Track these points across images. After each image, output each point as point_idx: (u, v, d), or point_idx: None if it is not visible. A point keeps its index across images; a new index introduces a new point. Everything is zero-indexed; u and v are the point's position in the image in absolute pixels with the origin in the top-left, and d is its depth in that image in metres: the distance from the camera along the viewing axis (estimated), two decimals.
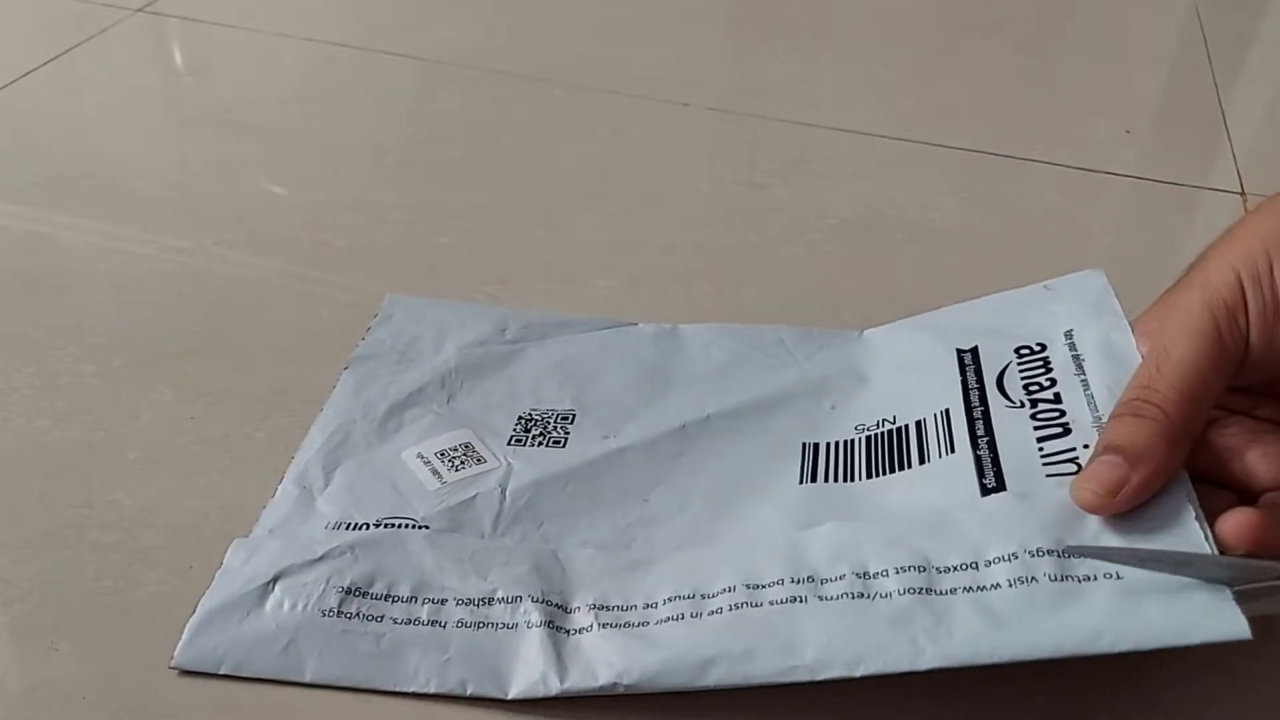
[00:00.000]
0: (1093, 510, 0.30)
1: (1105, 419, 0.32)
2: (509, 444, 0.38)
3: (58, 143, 0.56)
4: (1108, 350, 0.35)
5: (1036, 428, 0.34)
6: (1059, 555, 0.29)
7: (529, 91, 0.63)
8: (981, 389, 0.36)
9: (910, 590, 0.30)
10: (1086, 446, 0.32)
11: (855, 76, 0.68)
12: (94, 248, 0.48)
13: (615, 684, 0.30)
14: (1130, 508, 0.29)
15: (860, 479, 0.35)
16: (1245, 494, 0.31)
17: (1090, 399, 0.34)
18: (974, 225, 0.53)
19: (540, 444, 0.38)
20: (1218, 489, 0.31)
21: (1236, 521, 0.28)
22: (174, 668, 0.31)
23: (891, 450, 0.36)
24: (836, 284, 0.48)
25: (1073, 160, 0.58)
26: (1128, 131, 0.62)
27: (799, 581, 0.31)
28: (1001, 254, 0.51)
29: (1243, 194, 0.56)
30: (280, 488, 0.36)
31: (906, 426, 0.36)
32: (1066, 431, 0.33)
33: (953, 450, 0.34)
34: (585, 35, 0.70)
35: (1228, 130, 0.62)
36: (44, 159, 0.54)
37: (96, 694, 0.30)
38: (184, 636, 0.31)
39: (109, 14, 0.68)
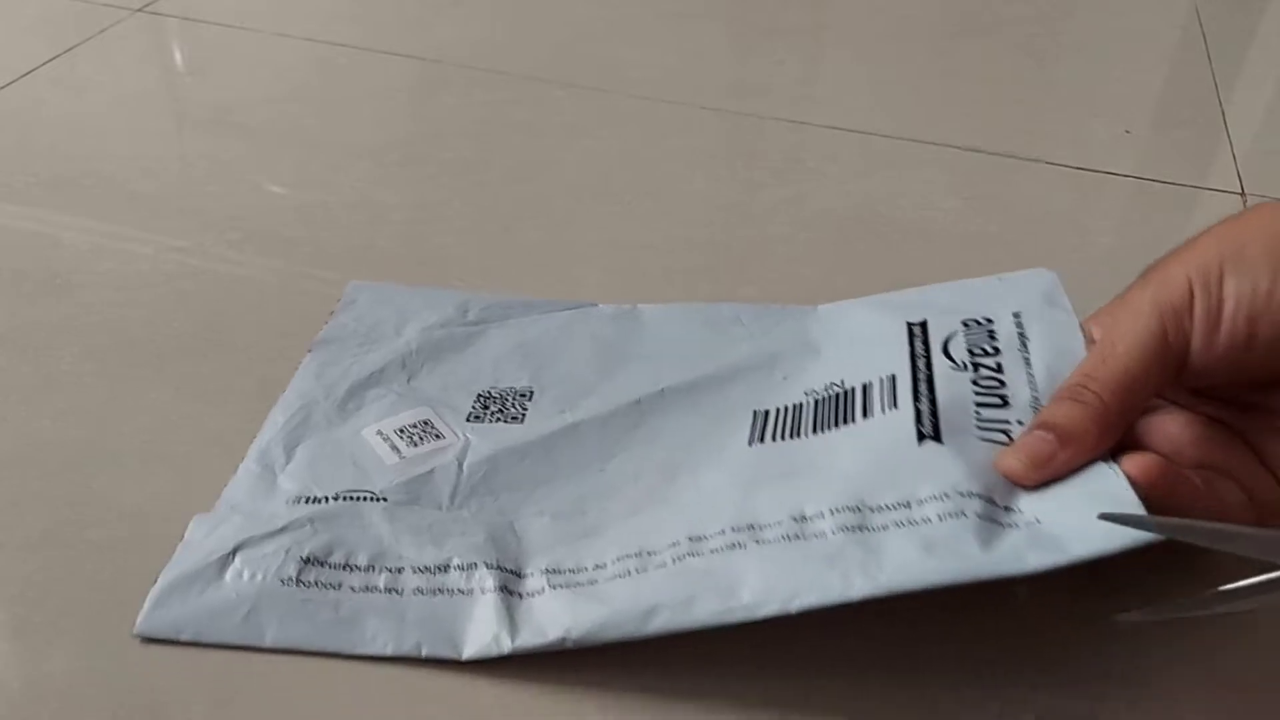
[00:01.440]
0: (1015, 479, 0.31)
1: (1043, 400, 0.34)
2: (468, 420, 0.39)
3: (58, 143, 0.56)
4: (1052, 335, 0.36)
5: (976, 393, 0.35)
6: (991, 502, 0.30)
7: (529, 91, 0.63)
8: (928, 356, 0.37)
9: (844, 529, 0.31)
10: (1020, 423, 0.33)
11: (854, 76, 0.68)
12: (94, 248, 0.48)
13: (564, 639, 0.31)
14: (1049, 480, 0.31)
15: (806, 436, 0.36)
16: None
17: (1031, 378, 0.35)
18: (973, 225, 0.53)
19: (499, 420, 0.39)
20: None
21: (1142, 462, 0.30)
22: (136, 635, 0.32)
23: (837, 410, 0.37)
24: (836, 284, 0.48)
25: (1073, 160, 0.58)
26: (1127, 131, 0.62)
27: (739, 530, 0.32)
28: (1001, 254, 0.51)
29: (1242, 194, 0.56)
30: (242, 466, 0.37)
31: (853, 389, 0.37)
32: (1004, 404, 0.34)
33: (895, 406, 0.35)
34: (585, 35, 0.70)
35: (1228, 130, 0.62)
36: (44, 159, 0.54)
37: (96, 693, 0.30)
38: (145, 606, 0.32)
39: (109, 14, 0.68)
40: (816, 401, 0.37)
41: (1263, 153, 0.60)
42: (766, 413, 0.38)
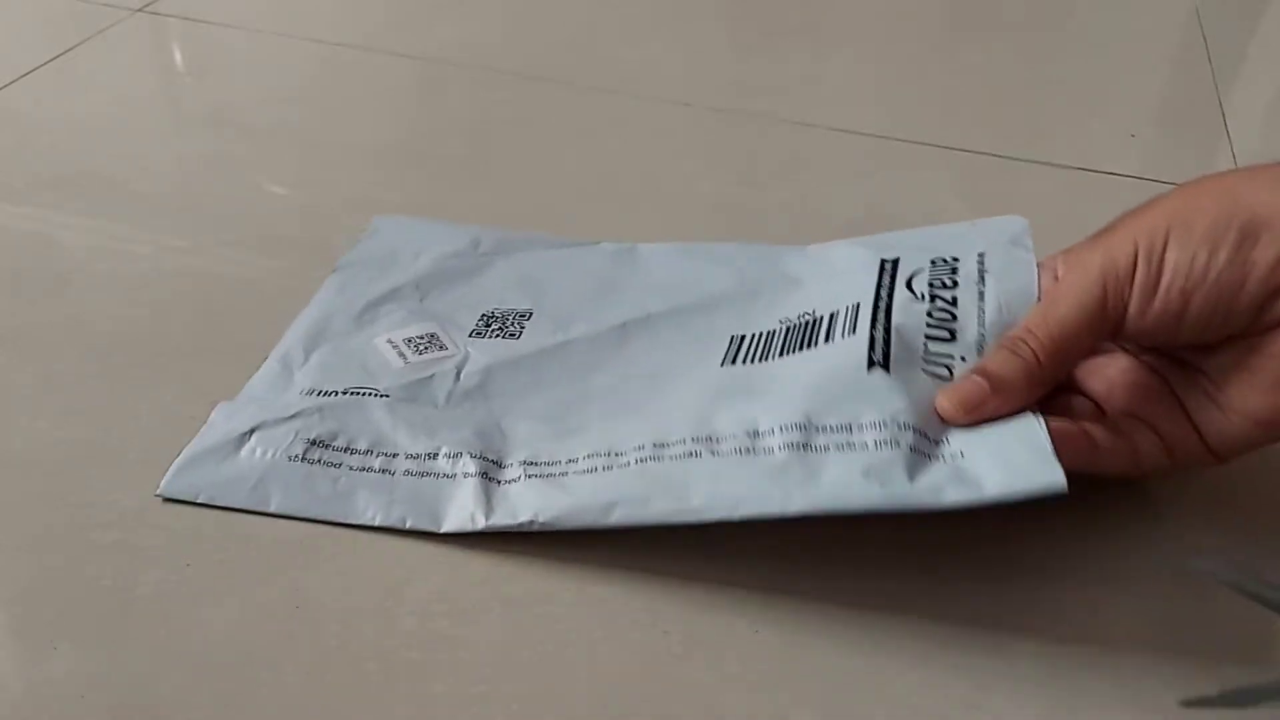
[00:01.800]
0: (946, 418, 0.34)
1: (988, 337, 0.36)
2: (470, 336, 0.43)
3: (58, 143, 0.56)
4: (1010, 272, 0.38)
5: (928, 325, 0.37)
6: (924, 435, 0.33)
7: (529, 91, 0.63)
8: (892, 289, 0.39)
9: (790, 446, 0.33)
10: (964, 359, 0.35)
11: (855, 76, 0.68)
12: (94, 248, 0.48)
13: (532, 521, 0.34)
14: (976, 423, 0.34)
15: (772, 359, 0.38)
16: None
17: (981, 313, 0.37)
18: None
19: (498, 336, 0.43)
20: (1080, 397, 0.37)
21: (1058, 427, 0.33)
22: (158, 495, 0.36)
23: (804, 335, 0.39)
24: None
25: (1073, 160, 0.58)
26: (1133, 136, 0.62)
27: (698, 440, 0.35)
28: None
29: None
30: (264, 364, 0.41)
31: (822, 317, 0.39)
32: (951, 338, 0.36)
33: (854, 332, 0.37)
34: (585, 35, 0.70)
35: (1228, 130, 0.62)
36: (44, 159, 0.54)
37: (96, 693, 0.30)
38: (169, 472, 0.36)
39: (109, 14, 0.68)
40: (788, 328, 0.40)
41: (1263, 153, 0.60)
42: (743, 337, 0.40)
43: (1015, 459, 0.32)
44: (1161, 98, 0.67)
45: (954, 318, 0.37)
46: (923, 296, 0.38)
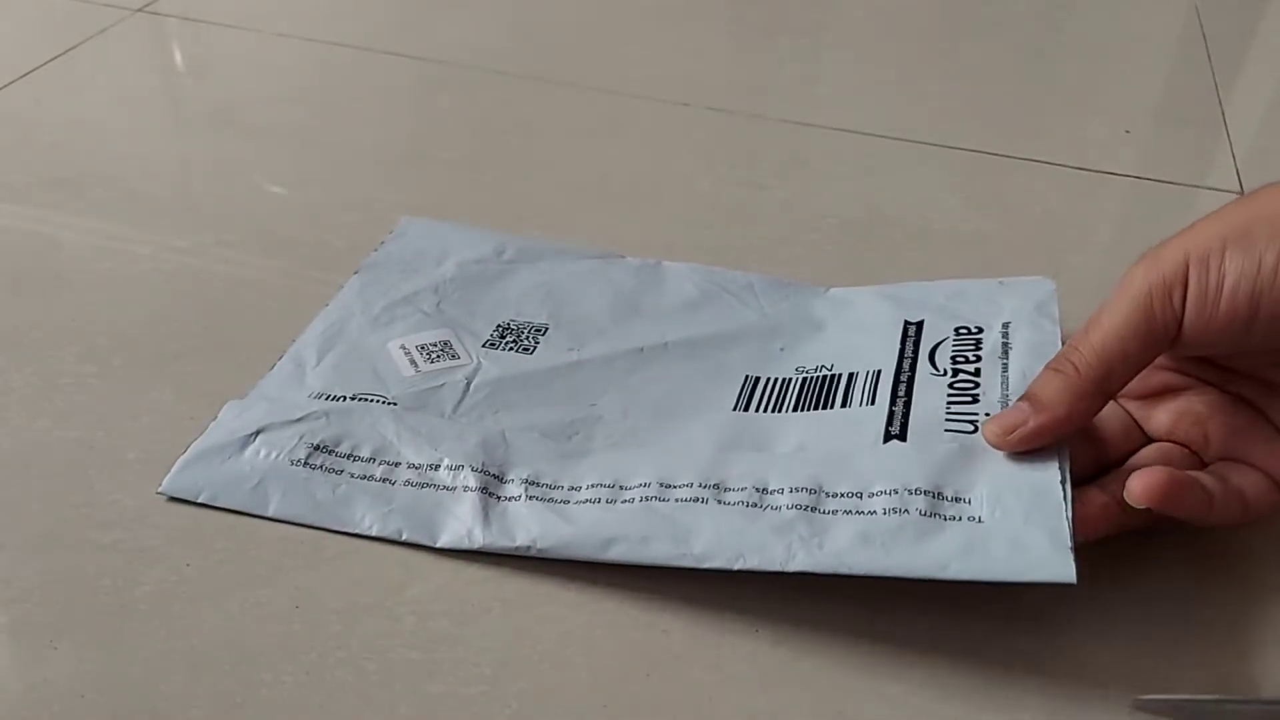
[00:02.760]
0: (991, 444, 0.33)
1: (1012, 399, 0.36)
2: (483, 346, 0.42)
3: (58, 143, 0.56)
4: (1033, 343, 0.38)
5: (950, 395, 0.37)
6: (932, 495, 0.32)
7: (529, 91, 0.63)
8: (915, 358, 0.39)
9: (798, 506, 0.33)
10: (988, 415, 0.35)
11: (855, 76, 0.68)
12: (94, 248, 0.48)
13: (529, 547, 0.34)
14: (1024, 448, 0.33)
15: (786, 412, 0.39)
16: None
17: (1005, 380, 0.37)
18: (974, 225, 0.53)
19: (512, 349, 0.42)
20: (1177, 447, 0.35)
21: (1148, 479, 0.31)
22: (160, 493, 0.36)
23: (820, 392, 0.39)
24: (836, 284, 0.48)
25: (1073, 160, 0.58)
26: (1127, 131, 0.62)
27: (705, 487, 0.35)
28: (1001, 254, 0.51)
29: (1242, 194, 0.56)
30: (278, 363, 0.41)
31: (840, 375, 0.39)
32: (974, 400, 0.36)
33: (873, 403, 0.38)
34: (585, 35, 0.70)
35: (1228, 130, 0.62)
36: (44, 159, 0.54)
37: (96, 693, 0.30)
38: (173, 469, 0.36)
39: (109, 14, 0.68)
40: (804, 379, 0.40)
41: (1263, 153, 0.60)
42: (757, 379, 0.40)
43: (1030, 541, 0.31)
44: (1161, 97, 0.67)
45: (976, 385, 0.37)
46: (945, 372, 0.38)
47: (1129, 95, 0.66)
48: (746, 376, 0.40)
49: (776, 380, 0.40)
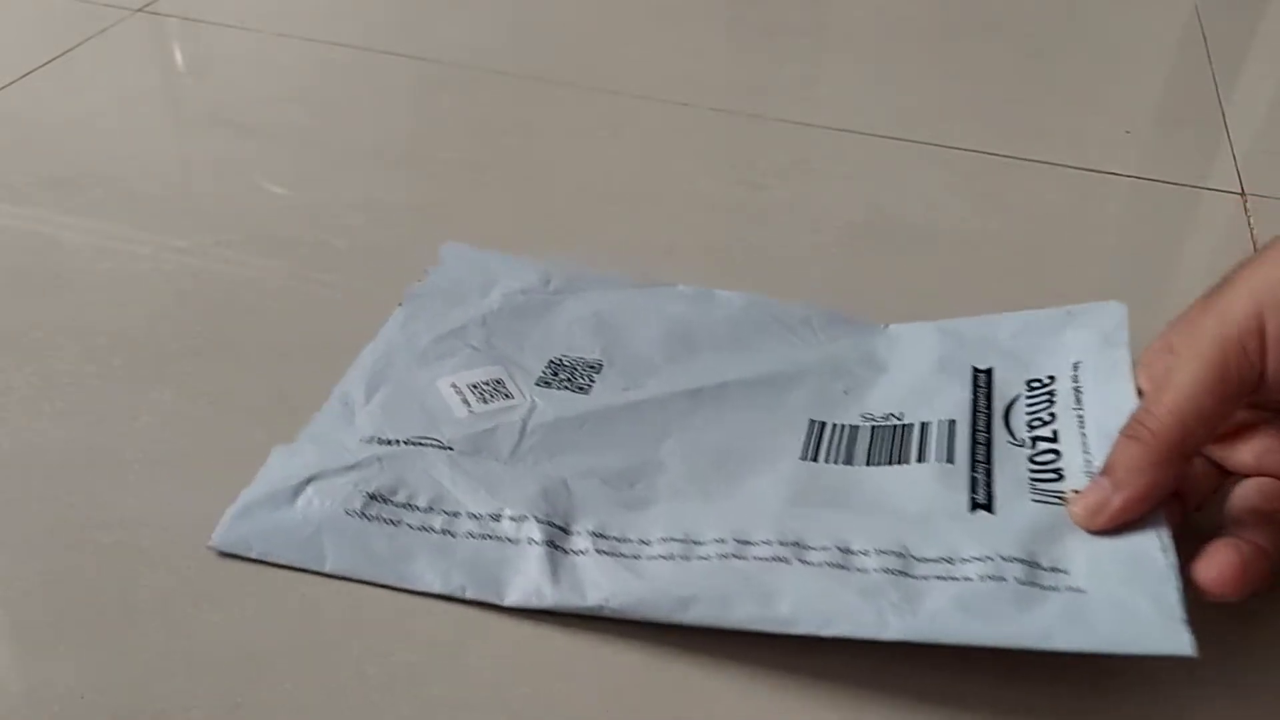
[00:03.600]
0: (1081, 526, 0.32)
1: (1095, 461, 0.34)
2: (537, 384, 0.41)
3: (58, 143, 0.56)
4: (1107, 388, 0.36)
5: (1032, 470, 0.35)
6: (1028, 564, 0.31)
7: (529, 91, 0.63)
8: (989, 416, 0.38)
9: (886, 570, 0.32)
10: (1076, 491, 0.33)
11: (855, 76, 0.68)
12: (94, 248, 0.48)
13: (602, 606, 0.32)
14: (1114, 526, 0.32)
15: (858, 465, 0.37)
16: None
17: (1084, 440, 0.35)
18: (974, 225, 0.53)
19: (566, 388, 0.40)
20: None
21: (1217, 568, 0.30)
22: (211, 548, 0.34)
23: (893, 444, 0.38)
24: (837, 284, 0.48)
25: (1073, 160, 0.58)
26: (1128, 132, 0.62)
27: (785, 544, 0.33)
28: (1002, 254, 0.51)
29: (1242, 194, 0.56)
30: (325, 404, 0.39)
31: (911, 426, 0.38)
32: (1059, 478, 0.35)
33: (951, 461, 0.36)
34: (585, 35, 0.70)
35: (1228, 130, 0.62)
36: (44, 159, 0.54)
37: (96, 693, 0.30)
38: (223, 522, 0.34)
39: (109, 14, 0.68)
40: (874, 429, 0.38)
41: (1263, 153, 0.60)
42: (823, 425, 0.39)
43: (1138, 610, 0.29)
44: (1161, 97, 0.67)
45: (1058, 454, 0.35)
46: (1023, 442, 0.36)
47: (1129, 95, 0.66)
48: (811, 421, 0.39)
49: (843, 428, 0.39)
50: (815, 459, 0.37)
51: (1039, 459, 0.36)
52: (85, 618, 0.32)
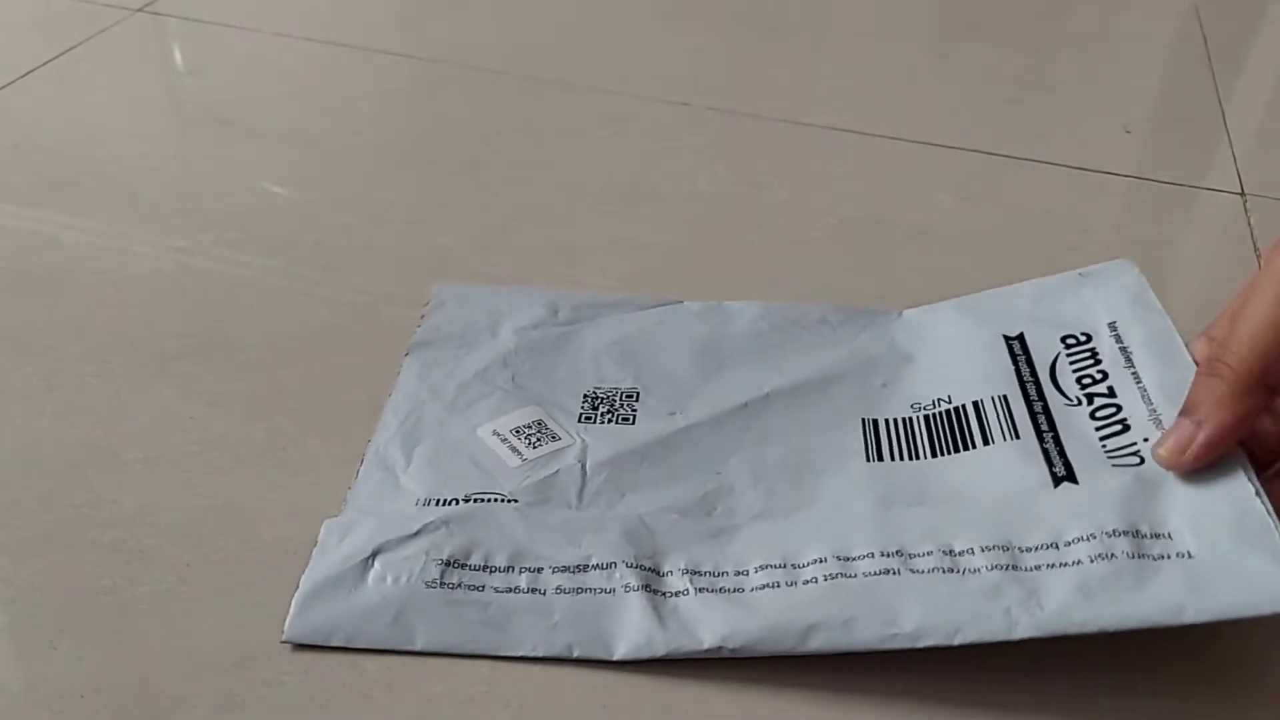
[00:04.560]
0: (1168, 468, 0.32)
1: (1160, 412, 0.34)
2: (579, 421, 0.39)
3: (58, 143, 0.56)
4: (1154, 346, 0.37)
5: (1097, 426, 0.35)
6: (1131, 535, 0.31)
7: (529, 91, 0.63)
8: (1037, 382, 0.38)
9: (997, 567, 0.31)
10: (1146, 440, 0.34)
11: (854, 76, 0.68)
12: (94, 248, 0.48)
13: (720, 647, 0.31)
14: (1200, 464, 0.32)
15: (925, 457, 0.37)
16: None
17: (1144, 393, 0.36)
18: (974, 225, 0.53)
19: (610, 421, 0.39)
20: None
21: None
22: (286, 641, 0.32)
23: (951, 429, 0.37)
24: (837, 284, 0.48)
25: (1072, 160, 0.58)
26: (1127, 131, 0.62)
27: (888, 555, 0.32)
28: (1001, 253, 0.51)
29: (1242, 194, 0.56)
30: (361, 471, 0.37)
31: (964, 407, 0.38)
32: (1126, 428, 0.35)
33: (1017, 436, 0.36)
34: (585, 35, 0.70)
35: (1228, 130, 0.62)
36: (44, 159, 0.54)
37: (96, 693, 0.30)
38: (292, 610, 0.32)
39: (109, 14, 0.68)
40: (928, 418, 0.38)
41: (1263, 152, 0.60)
42: (876, 423, 0.39)
43: (1254, 569, 0.29)
44: (1161, 97, 0.67)
45: (1119, 409, 0.35)
46: (1078, 400, 0.36)
47: (1129, 95, 0.66)
48: (863, 420, 0.39)
49: (896, 421, 0.38)
50: (881, 459, 0.37)
51: (1100, 414, 0.36)
52: (85, 618, 0.32)
